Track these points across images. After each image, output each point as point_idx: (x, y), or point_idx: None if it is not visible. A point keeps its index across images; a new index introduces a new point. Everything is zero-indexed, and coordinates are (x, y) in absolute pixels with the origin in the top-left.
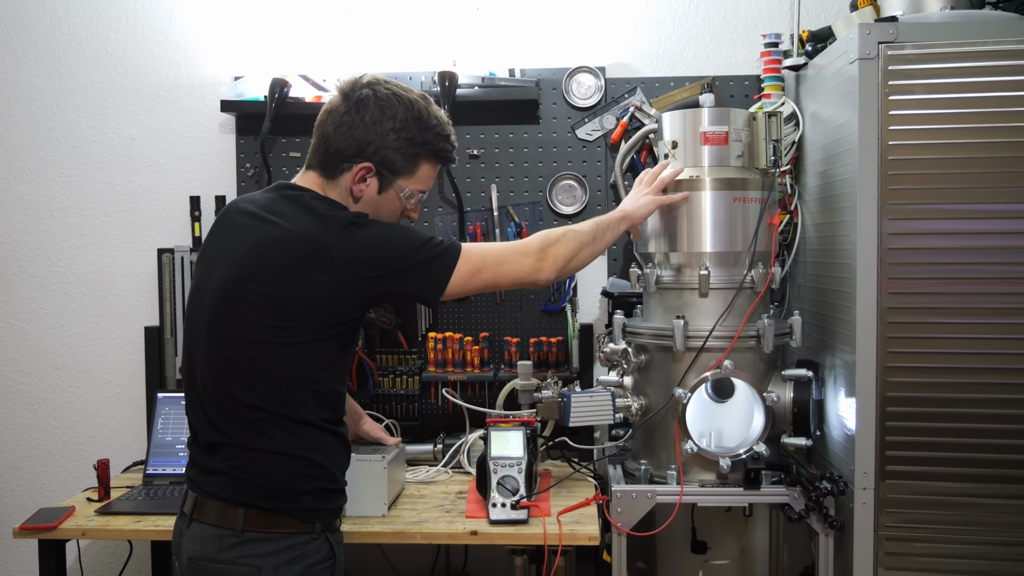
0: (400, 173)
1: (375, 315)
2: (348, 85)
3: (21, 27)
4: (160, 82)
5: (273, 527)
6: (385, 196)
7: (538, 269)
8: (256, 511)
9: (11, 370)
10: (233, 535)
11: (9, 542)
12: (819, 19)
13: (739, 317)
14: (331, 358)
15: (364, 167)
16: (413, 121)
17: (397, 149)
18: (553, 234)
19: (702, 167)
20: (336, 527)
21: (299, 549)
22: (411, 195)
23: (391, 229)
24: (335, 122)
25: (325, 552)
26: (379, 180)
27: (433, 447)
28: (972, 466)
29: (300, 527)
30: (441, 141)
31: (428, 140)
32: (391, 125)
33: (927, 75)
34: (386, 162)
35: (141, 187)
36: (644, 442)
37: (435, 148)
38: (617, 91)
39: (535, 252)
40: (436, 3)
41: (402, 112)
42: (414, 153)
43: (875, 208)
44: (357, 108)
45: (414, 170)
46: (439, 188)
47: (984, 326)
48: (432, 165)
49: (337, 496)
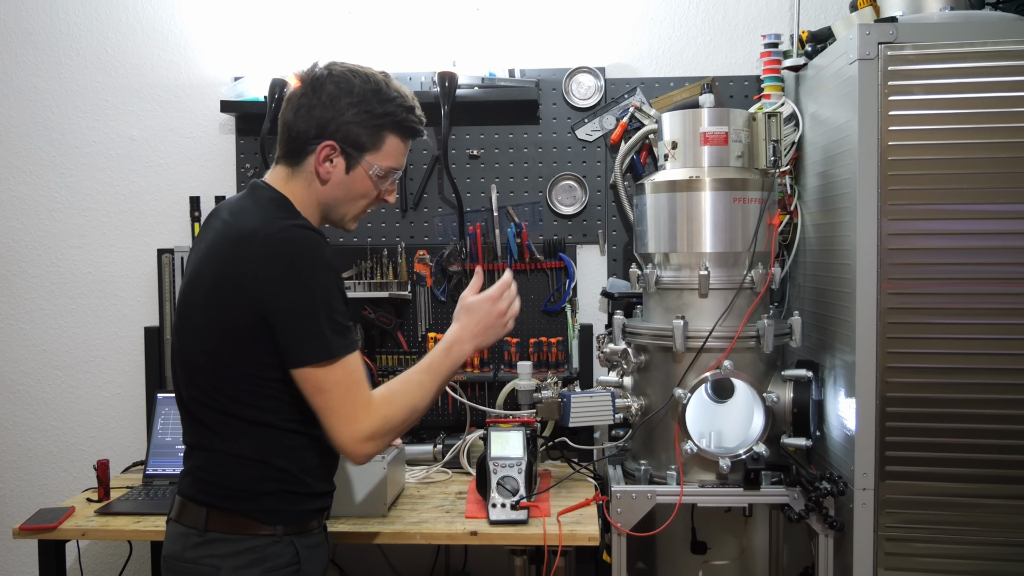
0: (366, 149)
1: (375, 315)
2: (305, 71)
3: (21, 27)
4: (160, 82)
5: (234, 528)
6: (354, 176)
7: (355, 450)
8: (218, 511)
9: (11, 370)
10: (197, 534)
11: (9, 542)
12: (819, 19)
13: (739, 317)
14: (278, 360)
15: (327, 146)
16: (372, 94)
17: (359, 123)
18: (392, 421)
19: (702, 167)
20: (311, 530)
21: (260, 552)
22: (382, 174)
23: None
24: (294, 107)
25: (288, 557)
26: (345, 159)
27: (433, 447)
28: (972, 466)
29: (261, 529)
30: (404, 112)
31: (390, 111)
32: (349, 100)
33: (927, 75)
34: (349, 138)
35: (141, 187)
36: (644, 442)
37: (398, 119)
38: (617, 91)
39: (364, 434)
40: (436, 3)
41: (359, 85)
42: (377, 126)
43: (875, 208)
44: (314, 89)
45: (380, 144)
46: (439, 188)
47: (984, 326)
48: (399, 138)
49: (305, 499)
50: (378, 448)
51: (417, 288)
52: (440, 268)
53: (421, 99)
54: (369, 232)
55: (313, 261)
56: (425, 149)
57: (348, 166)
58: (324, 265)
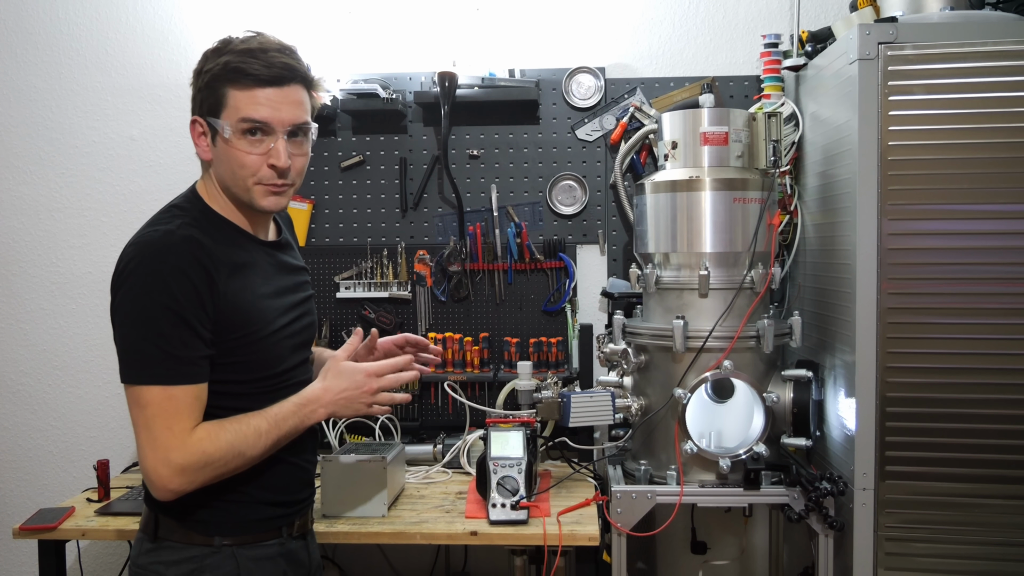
0: (217, 112)
1: (375, 315)
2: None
3: (21, 27)
4: (160, 82)
5: (176, 537)
6: (220, 145)
7: (160, 480)
8: (164, 517)
9: (11, 370)
10: (148, 540)
11: (9, 542)
12: (819, 19)
13: (739, 317)
14: None
15: (192, 122)
16: (212, 53)
17: (201, 88)
18: (211, 459)
19: (702, 167)
20: (261, 542)
21: (197, 562)
22: (240, 131)
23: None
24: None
25: (227, 569)
26: (208, 130)
27: (433, 447)
28: (972, 466)
29: (199, 539)
30: (234, 57)
31: (218, 63)
32: (198, 67)
33: (927, 75)
34: (202, 108)
35: (141, 187)
36: (644, 442)
37: (225, 68)
38: (617, 91)
39: (175, 465)
40: (436, 3)
41: (208, 52)
42: (211, 85)
43: (875, 208)
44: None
45: (223, 101)
46: (439, 188)
47: (984, 326)
48: (238, 87)
49: (245, 509)
50: (187, 487)
51: (417, 288)
52: (440, 268)
53: (421, 99)
54: (369, 232)
55: (152, 274)
56: (425, 149)
57: (212, 137)
58: (158, 280)
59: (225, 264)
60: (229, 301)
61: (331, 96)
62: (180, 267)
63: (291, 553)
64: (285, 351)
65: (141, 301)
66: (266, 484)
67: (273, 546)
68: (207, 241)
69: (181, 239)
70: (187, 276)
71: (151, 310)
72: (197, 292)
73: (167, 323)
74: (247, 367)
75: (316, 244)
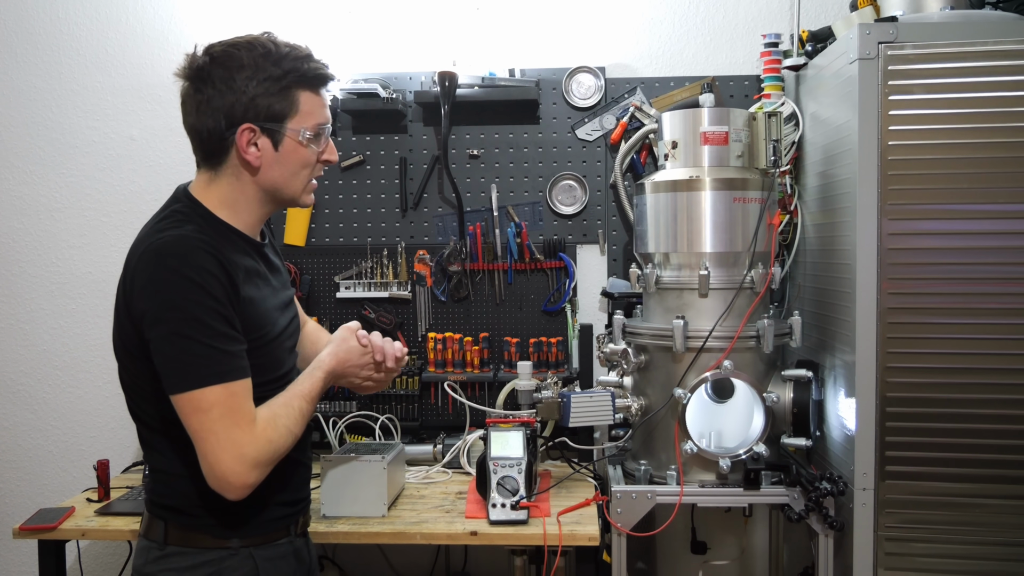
0: (285, 116)
1: (375, 315)
2: (184, 66)
3: (21, 27)
4: (160, 82)
5: (190, 542)
6: (284, 150)
7: (238, 480)
8: (175, 525)
9: (11, 370)
10: (157, 548)
11: (9, 542)
12: (819, 19)
13: (739, 317)
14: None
15: (245, 130)
16: (263, 58)
17: (265, 93)
18: (275, 446)
19: (702, 167)
20: (274, 541)
21: (215, 566)
22: (312, 135)
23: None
24: (192, 107)
25: (246, 570)
26: (269, 136)
27: (433, 447)
28: (972, 466)
29: (214, 543)
30: (303, 62)
31: (289, 68)
32: (244, 74)
33: (927, 75)
34: (263, 113)
35: (141, 187)
36: (644, 442)
37: (301, 72)
38: (617, 91)
39: (250, 460)
40: (436, 3)
41: (246, 57)
42: (284, 88)
43: (875, 208)
44: (202, 80)
45: (296, 106)
46: (439, 188)
47: (984, 326)
48: (310, 92)
49: (258, 510)
50: (261, 477)
51: (417, 288)
52: (440, 268)
53: (421, 99)
54: (369, 232)
55: (184, 279)
56: (425, 149)
57: (275, 142)
58: (191, 282)
59: (239, 269)
60: (245, 305)
61: (331, 96)
62: (207, 268)
63: (297, 551)
64: (284, 354)
65: (182, 307)
66: (279, 483)
67: (284, 545)
68: (218, 246)
69: (199, 242)
70: (216, 276)
71: (195, 313)
72: (226, 292)
73: (214, 323)
74: (255, 371)
75: (316, 244)
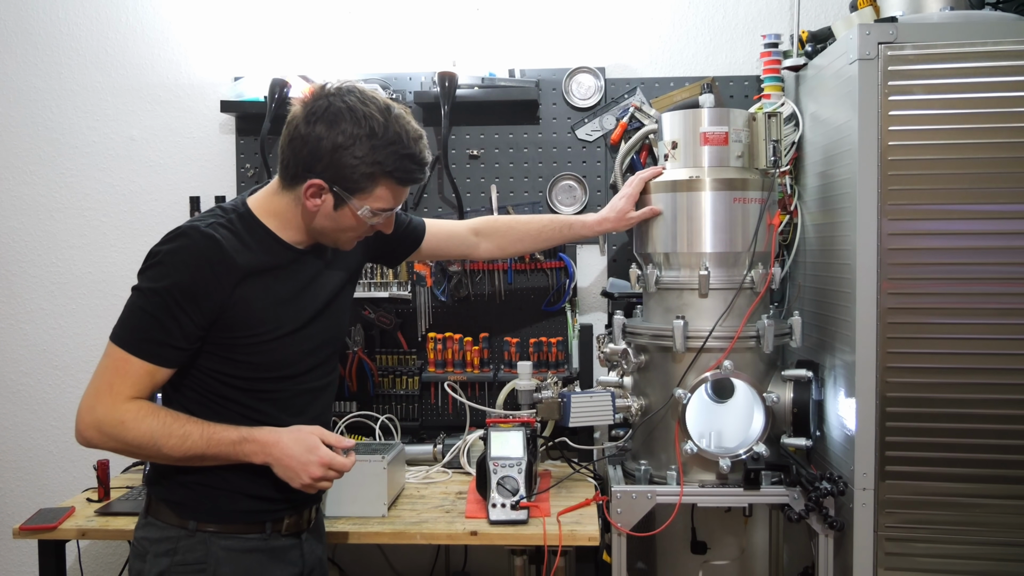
0: (354, 192)
1: (375, 315)
2: (310, 95)
3: (21, 27)
4: (160, 82)
5: (160, 515)
6: (341, 213)
7: (79, 425)
8: (153, 497)
9: (11, 370)
10: (142, 516)
11: (9, 542)
12: (819, 19)
13: (739, 317)
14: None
15: (313, 184)
16: (366, 138)
17: (349, 167)
18: (126, 433)
19: (702, 167)
20: (243, 533)
21: (172, 543)
22: (371, 215)
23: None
24: (290, 133)
25: (197, 555)
26: (333, 197)
27: (433, 447)
28: (972, 466)
29: (177, 521)
30: (398, 160)
31: (381, 160)
32: (340, 141)
33: (927, 75)
34: (338, 179)
35: (141, 187)
36: (644, 442)
37: (389, 168)
38: (617, 91)
39: (92, 419)
40: (436, 3)
41: (351, 128)
42: (368, 173)
43: (875, 208)
44: (308, 121)
45: (371, 190)
46: (439, 188)
47: (984, 326)
48: (392, 185)
49: (227, 498)
50: (96, 442)
51: (417, 288)
52: (440, 268)
53: (421, 99)
54: None
55: (160, 264)
56: None
57: (335, 204)
58: (166, 273)
59: (242, 268)
60: (238, 303)
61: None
62: (187, 262)
63: (277, 551)
64: (294, 355)
65: (146, 283)
66: (250, 476)
67: (254, 540)
68: (230, 244)
69: (201, 236)
70: (190, 272)
71: (148, 292)
72: (194, 289)
73: (154, 308)
74: (252, 367)
75: None
